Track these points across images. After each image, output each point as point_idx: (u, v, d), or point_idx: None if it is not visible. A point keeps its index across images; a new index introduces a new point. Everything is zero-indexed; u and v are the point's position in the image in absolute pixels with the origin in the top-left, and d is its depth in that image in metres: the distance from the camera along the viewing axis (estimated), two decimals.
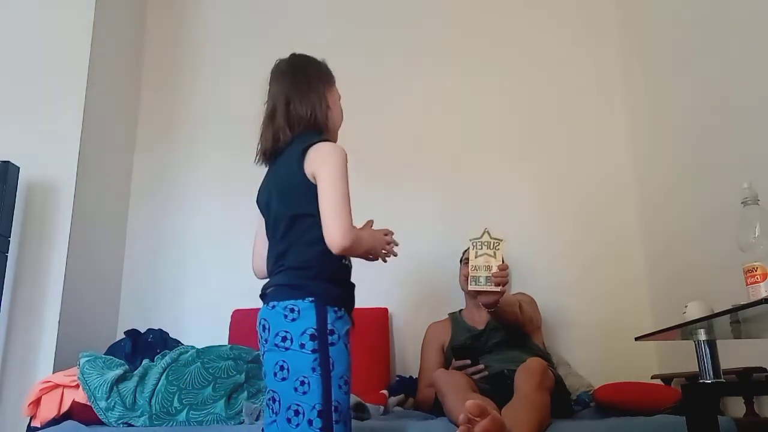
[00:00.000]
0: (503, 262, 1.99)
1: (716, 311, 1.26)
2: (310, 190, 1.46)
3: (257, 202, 1.65)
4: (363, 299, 2.62)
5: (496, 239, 2.03)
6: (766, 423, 1.78)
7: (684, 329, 1.43)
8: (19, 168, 2.27)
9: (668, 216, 2.51)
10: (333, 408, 1.35)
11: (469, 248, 2.22)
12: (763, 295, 1.25)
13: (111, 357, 2.07)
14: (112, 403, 1.89)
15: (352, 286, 1.55)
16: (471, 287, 2.01)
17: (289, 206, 1.50)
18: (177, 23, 3.18)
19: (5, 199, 2.20)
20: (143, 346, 2.26)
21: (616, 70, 2.94)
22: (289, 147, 1.55)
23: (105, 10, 2.66)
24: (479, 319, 2.34)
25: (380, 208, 2.82)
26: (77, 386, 1.94)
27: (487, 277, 1.98)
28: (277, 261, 1.50)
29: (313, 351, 1.37)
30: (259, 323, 1.47)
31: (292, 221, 1.49)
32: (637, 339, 1.64)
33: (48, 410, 1.91)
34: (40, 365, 2.23)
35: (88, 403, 1.89)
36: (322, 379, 1.35)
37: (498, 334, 2.23)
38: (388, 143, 2.91)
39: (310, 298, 1.40)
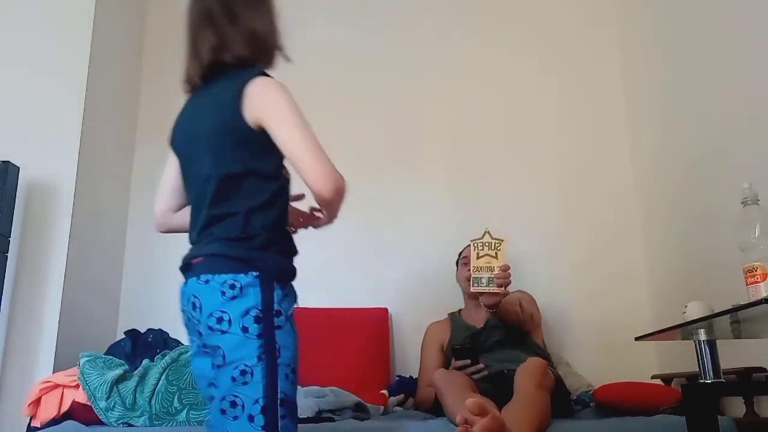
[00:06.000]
0: (505, 262, 1.99)
1: (716, 311, 1.26)
2: (252, 142, 1.24)
3: (171, 141, 1.40)
4: (363, 299, 2.67)
5: (497, 239, 2.03)
6: (766, 423, 1.78)
7: (684, 329, 1.43)
8: (19, 168, 2.27)
9: (668, 216, 2.51)
10: (279, 401, 1.17)
11: (466, 248, 2.22)
12: (763, 295, 1.26)
13: (111, 357, 2.07)
14: (112, 403, 1.89)
15: (296, 254, 1.34)
16: (473, 288, 2.01)
17: (223, 163, 1.26)
18: (177, 23, 3.16)
19: (5, 199, 2.19)
20: (143, 346, 2.26)
21: (616, 69, 2.94)
22: (220, 80, 1.30)
23: (105, 10, 2.66)
24: (478, 318, 2.34)
25: (381, 208, 2.84)
26: (77, 386, 1.94)
27: (489, 278, 1.98)
28: (205, 229, 1.28)
29: (259, 336, 1.18)
30: (186, 300, 1.27)
31: (229, 182, 1.25)
32: (637, 339, 1.65)
33: (48, 410, 1.91)
34: (40, 365, 2.23)
35: (88, 403, 1.89)
36: (267, 369, 1.17)
37: (497, 333, 2.23)
38: (389, 142, 2.92)
39: (255, 273, 1.20)
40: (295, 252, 1.33)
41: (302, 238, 1.44)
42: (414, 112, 2.95)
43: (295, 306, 1.28)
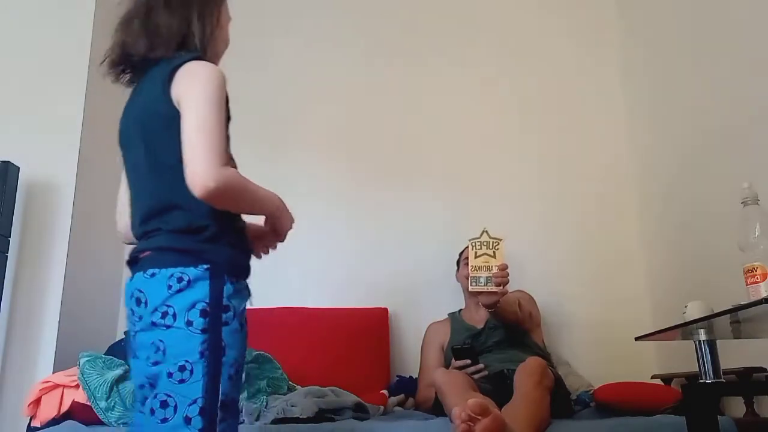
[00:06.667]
0: (503, 261, 1.99)
1: (716, 311, 1.26)
2: (178, 125, 1.14)
3: (119, 135, 1.31)
4: (363, 299, 2.67)
5: (495, 239, 2.03)
6: (766, 423, 1.78)
7: (684, 329, 1.43)
8: (19, 168, 2.27)
9: (668, 216, 2.51)
10: (219, 404, 1.09)
11: (467, 248, 2.22)
12: (763, 295, 1.26)
13: (111, 357, 2.07)
14: (112, 403, 1.89)
15: (250, 253, 1.27)
16: (471, 288, 2.01)
17: (157, 151, 1.19)
18: None
19: (5, 199, 2.19)
20: None
21: (616, 68, 2.95)
22: (154, 67, 1.24)
23: (105, 9, 2.66)
24: (478, 318, 2.35)
25: (379, 209, 2.84)
26: (77, 386, 1.93)
27: (487, 277, 1.98)
28: (148, 221, 1.21)
29: (203, 331, 1.10)
30: (131, 296, 1.19)
31: (165, 172, 1.17)
32: (637, 339, 1.65)
33: (48, 410, 1.91)
34: (40, 365, 2.22)
35: (88, 403, 1.89)
36: (208, 367, 1.09)
37: (497, 333, 2.23)
38: (386, 143, 2.92)
39: (205, 266, 1.13)
40: (247, 247, 1.26)
41: (302, 238, 1.43)
42: (412, 112, 2.95)
43: (247, 305, 1.21)
